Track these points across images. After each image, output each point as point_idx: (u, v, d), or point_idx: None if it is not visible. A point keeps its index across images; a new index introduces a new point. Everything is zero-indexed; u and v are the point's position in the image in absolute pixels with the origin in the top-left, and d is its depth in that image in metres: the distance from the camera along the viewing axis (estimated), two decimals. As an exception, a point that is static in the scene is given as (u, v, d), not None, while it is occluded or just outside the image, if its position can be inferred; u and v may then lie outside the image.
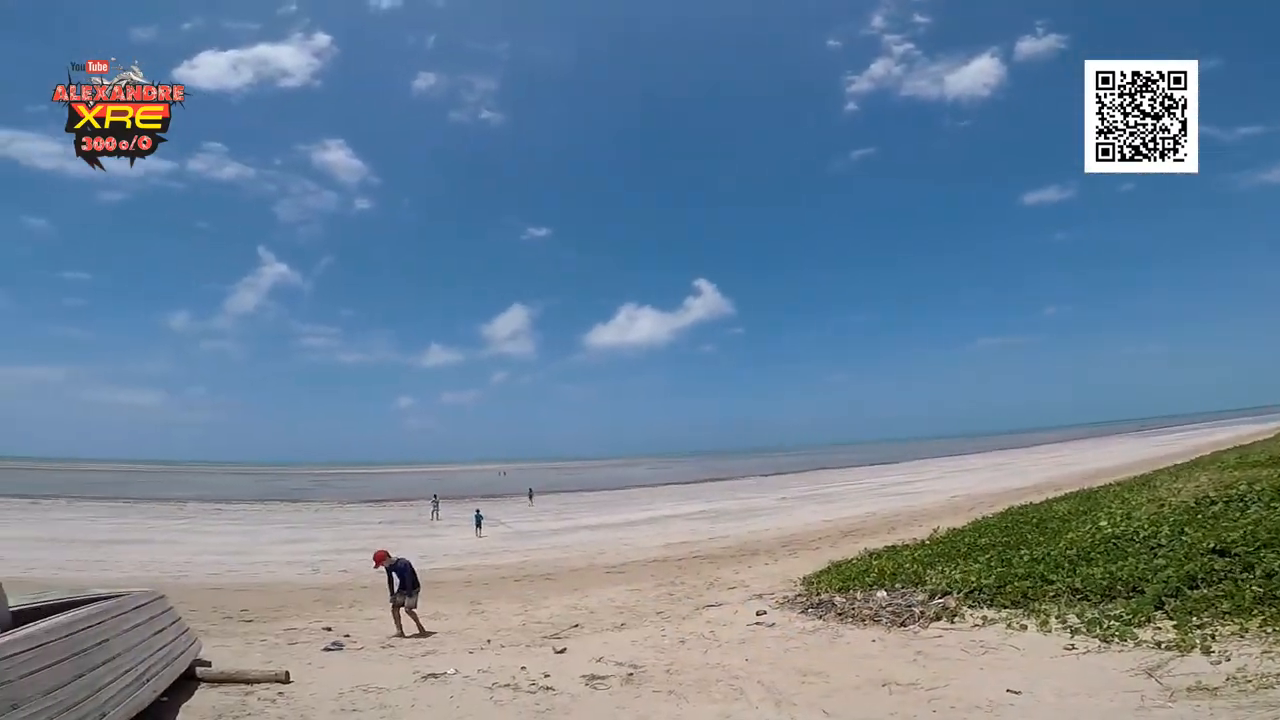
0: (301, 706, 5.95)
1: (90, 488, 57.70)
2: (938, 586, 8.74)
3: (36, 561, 17.16)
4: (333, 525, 32.01)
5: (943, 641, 7.00)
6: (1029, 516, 13.68)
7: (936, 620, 7.70)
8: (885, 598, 8.83)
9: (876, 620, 8.05)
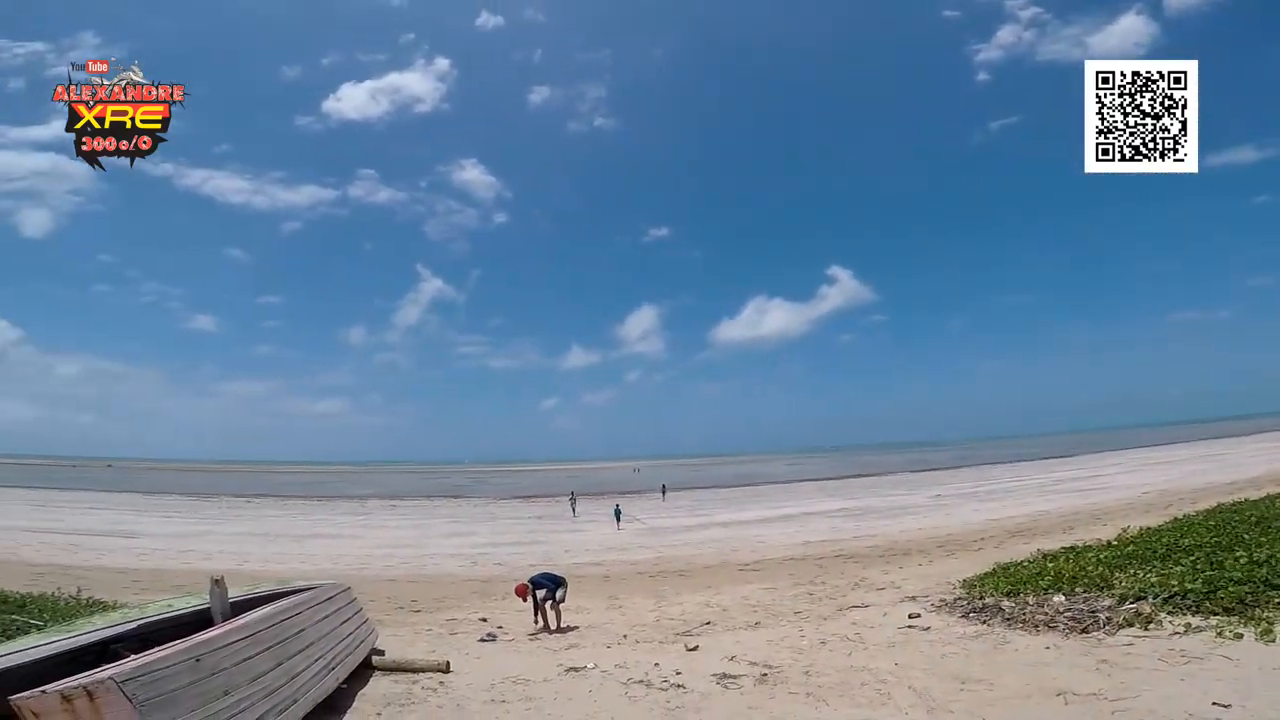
0: (458, 696, 6.32)
1: (291, 488, 66.71)
2: (1129, 591, 7.60)
3: (249, 555, 19.97)
4: (489, 520, 34.35)
5: (1134, 650, 6.11)
6: (1245, 514, 11.60)
7: (1127, 627, 6.72)
8: (1063, 602, 7.84)
9: (1051, 626, 7.17)
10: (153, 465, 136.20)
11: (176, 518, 32.83)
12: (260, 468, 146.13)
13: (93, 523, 27.99)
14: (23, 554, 17.28)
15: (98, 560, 17.11)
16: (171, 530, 26.58)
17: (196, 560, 18.12)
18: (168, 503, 43.36)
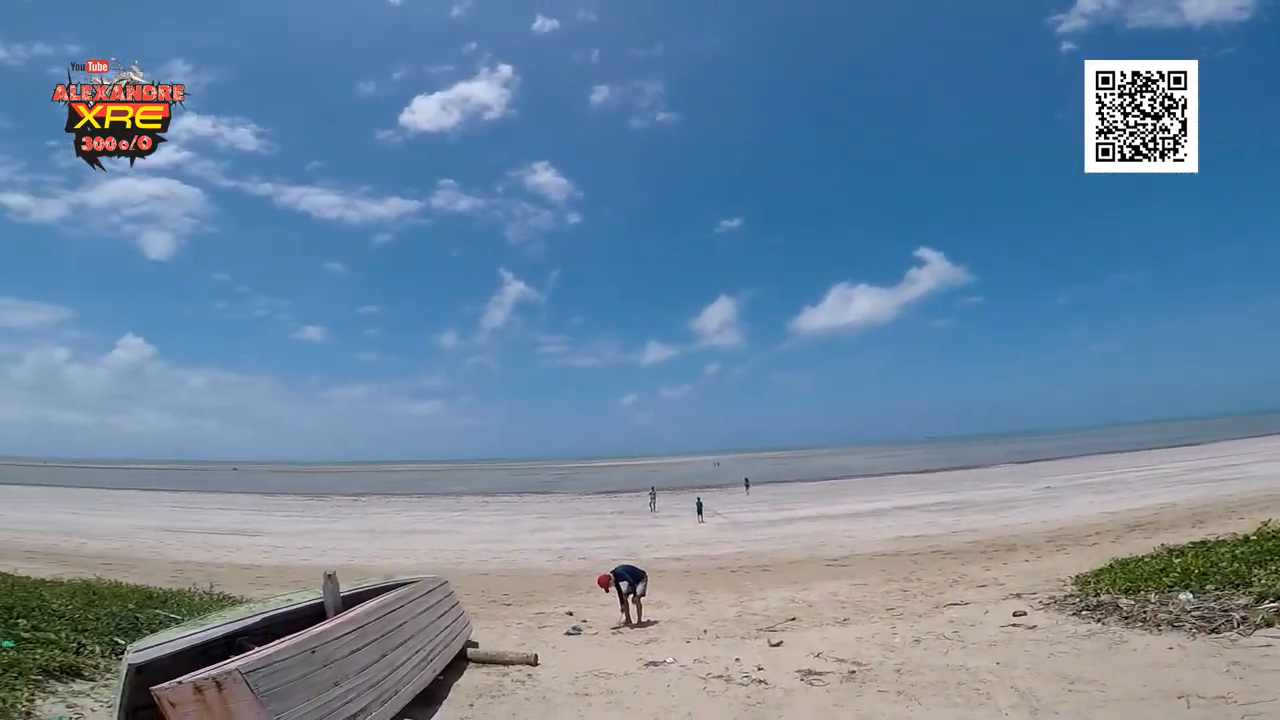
0: (544, 688, 6.53)
1: (393, 486, 70.90)
2: (1269, 589, 6.81)
3: (358, 551, 21.37)
4: (574, 515, 35.15)
5: (1272, 652, 5.54)
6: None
7: (1265, 628, 6.07)
8: (1190, 600, 7.17)
9: (1176, 626, 6.58)
10: (272, 468, 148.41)
11: (294, 516, 35.63)
12: (365, 468, 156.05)
13: (222, 522, 30.84)
14: (166, 552, 19.26)
15: (227, 557, 18.82)
16: (290, 528, 28.86)
17: (312, 556, 19.58)
18: (286, 502, 47.14)
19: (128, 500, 44.43)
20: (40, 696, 4.53)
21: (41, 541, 19.85)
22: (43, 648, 5.17)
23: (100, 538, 21.94)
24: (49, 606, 6.29)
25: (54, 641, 5.40)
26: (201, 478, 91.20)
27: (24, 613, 5.90)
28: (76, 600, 6.82)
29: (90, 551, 18.20)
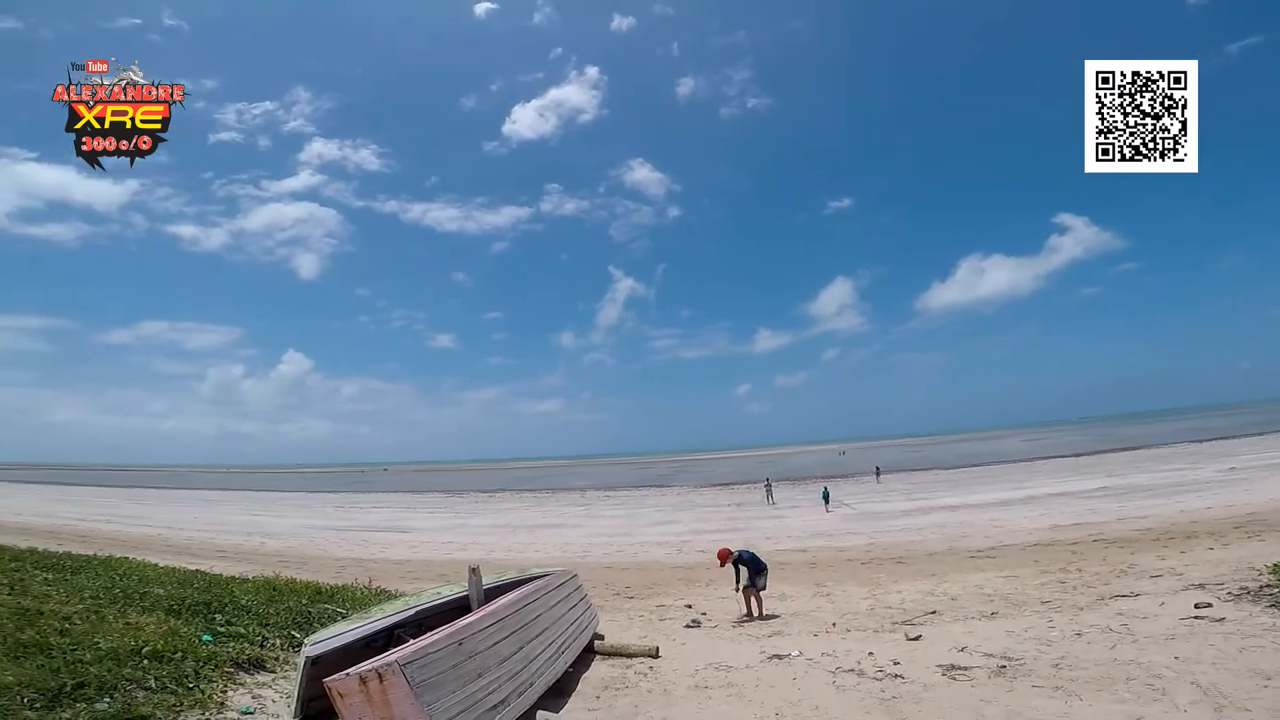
0: (665, 681, 6.59)
1: (523, 483, 74.66)
2: None
3: (494, 545, 22.73)
4: (691, 508, 35.26)
5: None
6: None
7: None
8: None
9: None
10: (417, 468, 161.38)
11: (437, 513, 38.56)
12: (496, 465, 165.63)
13: (377, 520, 33.96)
14: (330, 549, 21.51)
15: (382, 553, 20.70)
16: (434, 524, 31.26)
17: (454, 551, 21.09)
18: (429, 500, 51.09)
19: (297, 502, 50.12)
20: (232, 688, 5.00)
21: (230, 541, 22.82)
22: (234, 641, 5.76)
23: (277, 537, 24.89)
24: (238, 602, 7.08)
25: (243, 635, 5.98)
26: (357, 479, 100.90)
27: (219, 608, 6.67)
28: (260, 596, 7.65)
29: (269, 550, 20.69)
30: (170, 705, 4.36)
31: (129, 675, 4.50)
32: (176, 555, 16.28)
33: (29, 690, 4.05)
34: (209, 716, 4.40)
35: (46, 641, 4.84)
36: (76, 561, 9.74)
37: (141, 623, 5.72)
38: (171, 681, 4.63)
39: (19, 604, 5.89)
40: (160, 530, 25.63)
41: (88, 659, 4.61)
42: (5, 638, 4.79)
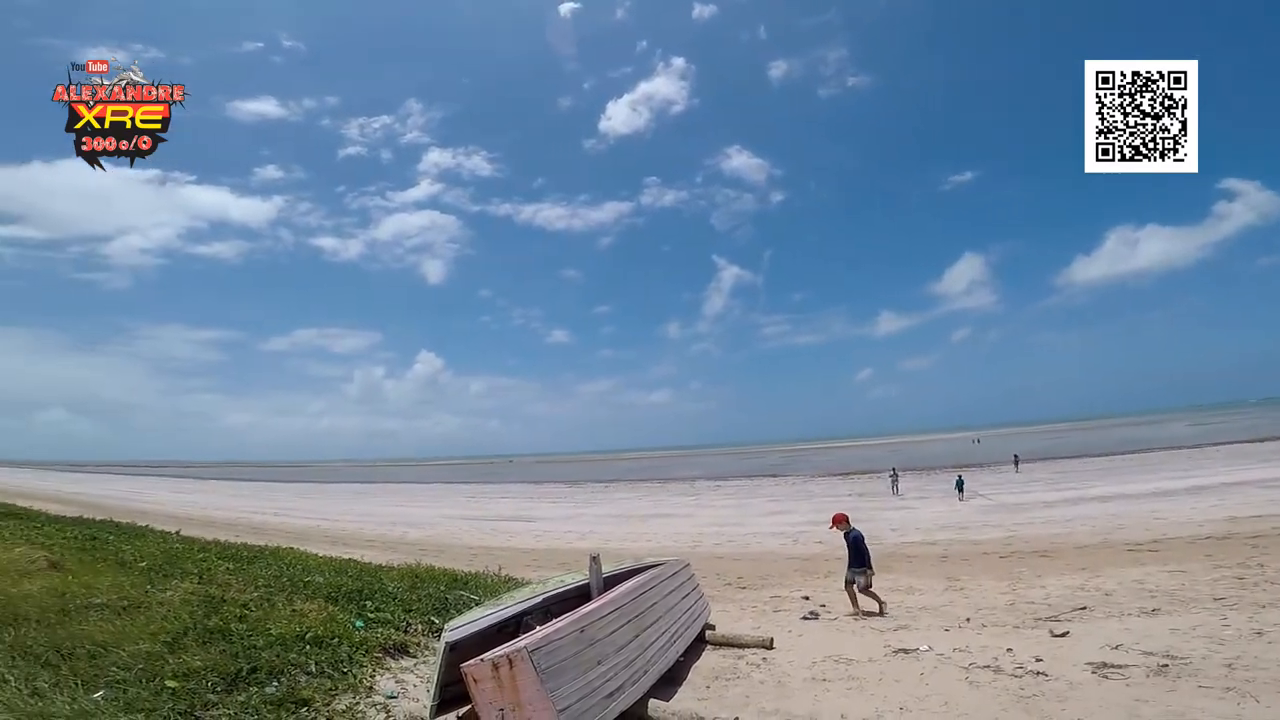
0: (779, 672, 6.50)
1: (635, 473, 76.17)
2: None
3: (610, 534, 23.41)
4: (807, 498, 34.38)
5: None
6: None
7: None
8: None
9: None
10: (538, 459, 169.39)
11: (558, 503, 40.27)
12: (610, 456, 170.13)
13: (504, 509, 36.02)
14: (463, 538, 23.09)
15: (509, 542, 21.95)
16: (556, 514, 32.69)
17: (574, 540, 21.97)
18: (550, 490, 53.45)
19: (433, 493, 54.19)
20: (379, 672, 5.40)
21: (376, 531, 25.11)
22: (382, 627, 6.21)
23: (417, 526, 27.08)
24: (386, 589, 7.72)
25: (389, 621, 6.43)
26: (485, 471, 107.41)
27: (369, 595, 7.27)
28: (404, 583, 8.31)
29: (411, 539, 22.54)
30: (327, 689, 4.79)
31: (293, 660, 5.02)
32: (332, 545, 18.18)
33: (212, 674, 4.58)
34: (359, 700, 4.82)
35: (227, 628, 5.53)
36: (251, 552, 11.11)
37: (305, 609, 6.42)
38: (329, 666, 5.11)
39: (206, 592, 6.80)
40: (318, 521, 28.70)
41: (260, 644, 5.20)
42: (195, 624, 5.53)
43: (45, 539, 10.99)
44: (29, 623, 5.21)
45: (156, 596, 6.46)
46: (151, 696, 4.12)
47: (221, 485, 67.94)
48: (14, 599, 5.87)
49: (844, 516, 10.12)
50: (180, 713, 4.01)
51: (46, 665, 4.39)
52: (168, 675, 4.45)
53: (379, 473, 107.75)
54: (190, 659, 4.74)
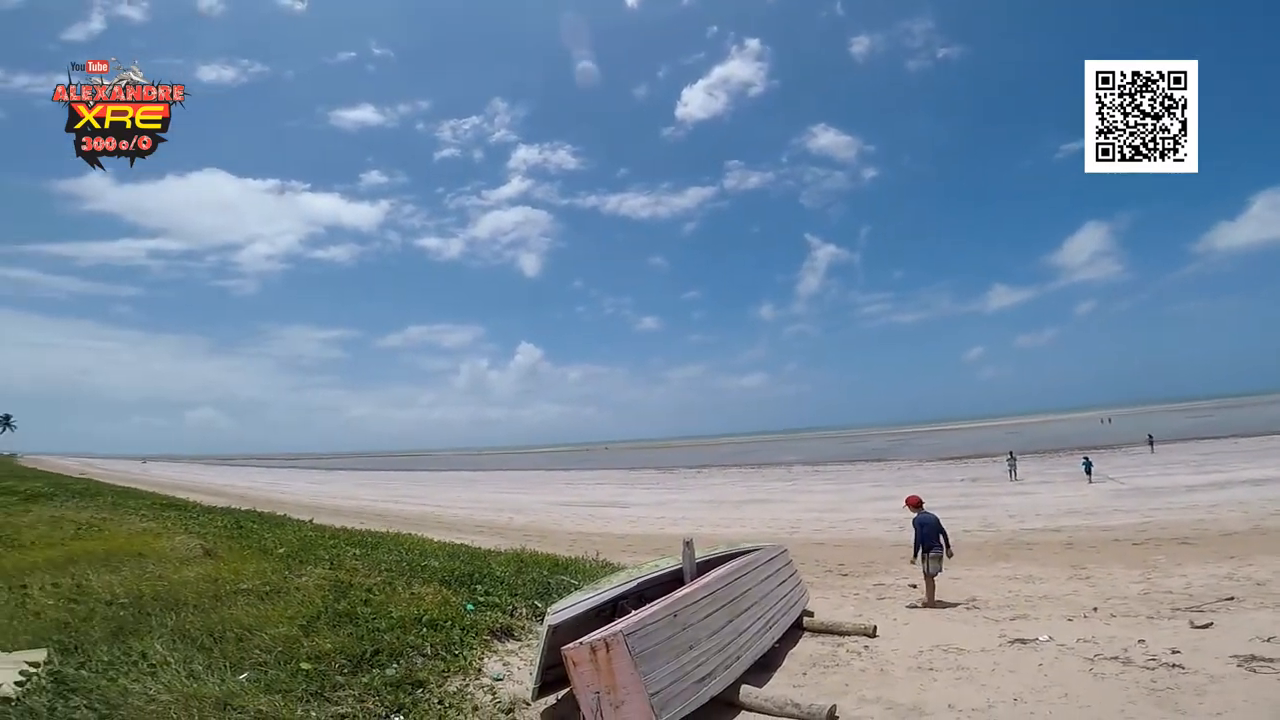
0: (882, 660, 6.32)
1: (728, 458, 75.69)
2: None
3: (702, 520, 23.43)
4: (914, 483, 32.80)
5: None
6: None
7: None
8: None
9: None
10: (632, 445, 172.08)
11: (651, 489, 40.79)
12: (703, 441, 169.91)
13: (600, 495, 36.93)
14: (562, 524, 23.91)
15: (605, 527, 22.50)
16: (649, 499, 33.15)
17: (667, 525, 22.20)
18: (644, 476, 54.19)
19: (535, 480, 56.42)
20: (487, 655, 5.72)
21: (485, 517, 26.47)
22: (490, 610, 6.60)
23: (521, 512, 28.32)
24: (494, 574, 8.18)
25: (497, 604, 6.81)
26: (583, 457, 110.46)
27: (479, 579, 7.76)
28: (510, 568, 8.76)
29: (516, 525, 23.61)
30: (440, 671, 5.12)
31: (411, 643, 5.41)
32: (446, 530, 19.39)
33: (341, 656, 4.98)
34: (468, 683, 5.12)
35: (354, 611, 6.04)
36: (375, 538, 12.06)
37: (422, 593, 6.93)
38: (442, 649, 5.47)
39: (336, 577, 7.46)
40: (432, 508, 30.65)
41: (382, 627, 5.63)
42: (327, 607, 6.08)
43: (200, 528, 12.47)
44: (187, 607, 5.94)
45: (294, 581, 7.18)
46: (288, 678, 4.54)
47: (346, 475, 74.08)
48: (175, 585, 6.72)
49: (916, 499, 9.60)
50: (312, 693, 4.40)
51: (201, 648, 4.96)
52: (302, 657, 4.90)
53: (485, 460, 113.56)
54: (322, 641, 5.22)
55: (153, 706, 3.76)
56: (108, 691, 3.86)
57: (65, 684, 3.91)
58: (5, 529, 12.46)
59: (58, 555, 8.51)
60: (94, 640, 5.02)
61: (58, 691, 3.81)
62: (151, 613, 5.74)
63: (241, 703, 3.99)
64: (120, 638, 5.09)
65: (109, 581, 6.88)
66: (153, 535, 11.01)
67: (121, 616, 5.66)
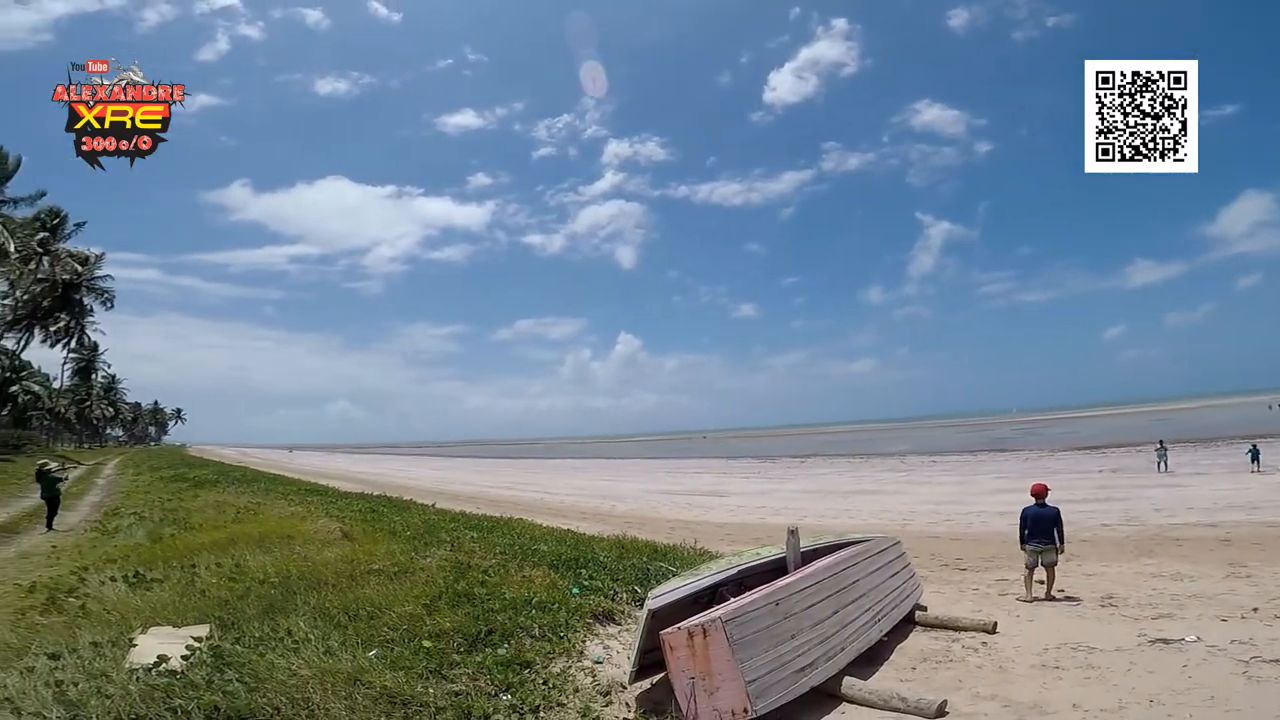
0: (1001, 657, 5.99)
1: (834, 447, 73.30)
2: None
3: (806, 511, 22.88)
4: (1045, 474, 30.12)
5: None
6: None
7: None
8: None
9: None
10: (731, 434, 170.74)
11: (751, 478, 40.33)
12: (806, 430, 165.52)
13: (698, 484, 37.00)
14: (661, 511, 24.21)
15: (704, 516, 22.54)
16: (749, 489, 32.81)
17: (767, 515, 21.90)
18: (744, 465, 53.66)
19: (636, 468, 57.42)
20: (589, 638, 5.90)
21: (589, 504, 27.29)
22: (594, 594, 6.81)
23: (622, 500, 28.96)
24: (598, 559, 8.45)
25: (600, 589, 7.01)
26: (682, 446, 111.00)
27: (584, 564, 8.05)
28: (613, 554, 9.01)
29: (618, 512, 24.19)
30: (546, 652, 5.36)
31: (522, 624, 5.70)
32: (553, 516, 20.21)
33: (458, 635, 5.34)
34: (571, 665, 5.32)
35: (471, 591, 6.46)
36: (490, 522, 12.80)
37: (532, 575, 7.31)
38: (549, 630, 5.72)
39: (456, 559, 8.01)
40: (540, 495, 32.03)
41: (496, 608, 5.98)
42: (447, 587, 6.54)
43: (339, 512, 13.76)
44: (327, 586, 6.59)
45: (419, 562, 7.79)
46: (411, 655, 4.90)
47: (464, 462, 78.87)
48: (317, 565, 7.47)
49: (1041, 486, 9.02)
50: (431, 671, 4.72)
51: (337, 626, 5.48)
52: (424, 635, 5.29)
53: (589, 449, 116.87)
54: (442, 620, 5.63)
55: (294, 681, 4.14)
56: (257, 666, 4.30)
57: (222, 658, 4.39)
58: (179, 513, 14.40)
59: (221, 537, 9.70)
60: (248, 617, 5.64)
61: (215, 665, 4.27)
62: (297, 591, 6.40)
63: (369, 679, 4.33)
64: (270, 615, 5.68)
65: (262, 562, 7.76)
66: (299, 519, 12.29)
67: (272, 595, 6.35)
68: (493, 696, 4.57)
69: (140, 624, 5.43)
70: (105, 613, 5.96)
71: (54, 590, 6.89)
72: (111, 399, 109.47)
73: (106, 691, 3.79)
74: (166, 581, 7.11)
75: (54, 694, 3.77)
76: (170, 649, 4.48)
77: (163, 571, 7.58)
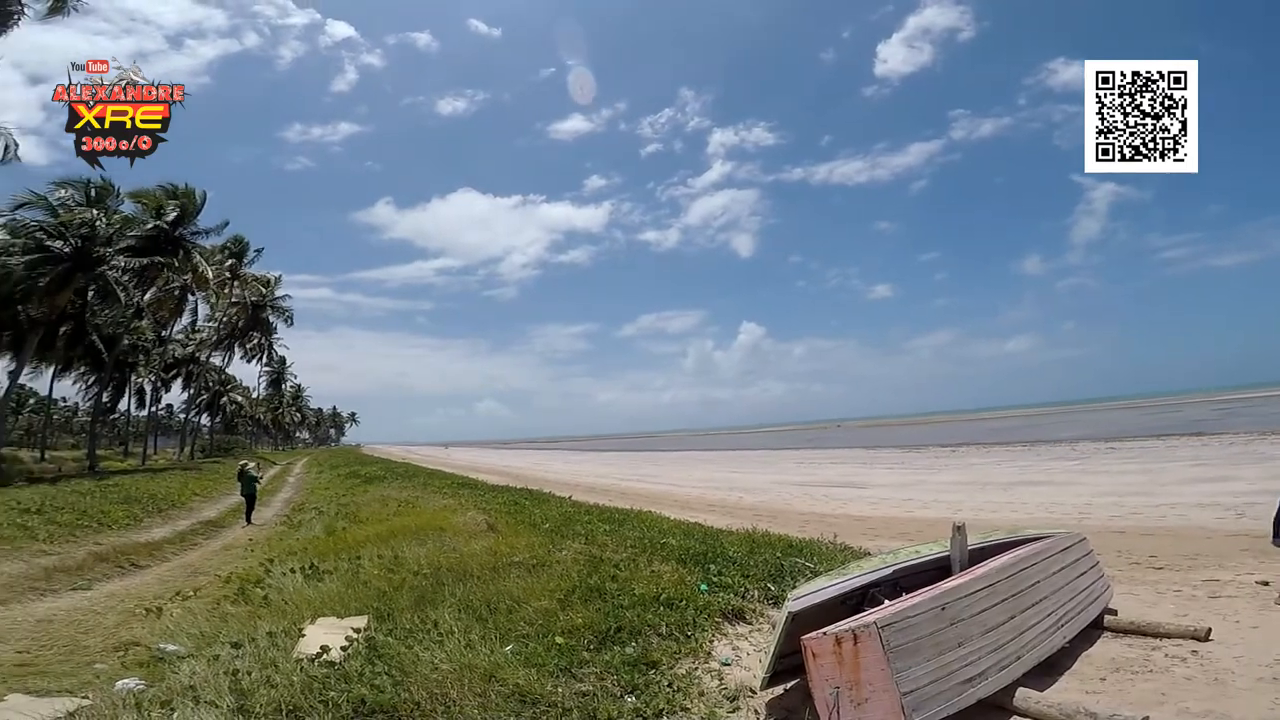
0: (1217, 669, 5.08)
1: (989, 434, 66.99)
2: None
3: (961, 504, 20.98)
4: (1256, 461, 25.63)
5: None
6: None
7: None
8: None
9: None
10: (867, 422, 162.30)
11: (894, 469, 37.84)
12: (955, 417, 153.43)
13: (833, 475, 35.34)
14: (793, 504, 23.32)
15: (841, 509, 21.42)
16: (892, 480, 30.79)
17: (915, 509, 20.36)
18: (884, 455, 50.52)
19: (763, 459, 56.10)
20: (717, 638, 5.65)
21: (716, 496, 26.98)
22: (723, 592, 6.55)
23: (750, 492, 28.33)
24: (726, 553, 8.16)
25: (729, 586, 6.73)
26: (813, 435, 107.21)
27: (713, 559, 7.79)
28: (743, 548, 8.67)
29: (746, 504, 23.67)
30: (672, 652, 5.20)
31: (649, 621, 5.59)
32: (681, 509, 20.17)
33: (589, 632, 5.32)
34: (698, 666, 5.12)
35: (603, 586, 6.45)
36: (621, 515, 12.94)
37: (661, 570, 7.20)
38: (676, 629, 5.57)
39: (589, 552, 8.11)
40: (667, 487, 32.19)
41: (625, 604, 5.92)
42: (581, 581, 6.59)
43: (486, 505, 14.59)
44: (472, 578, 6.88)
45: (555, 555, 7.98)
46: (543, 651, 4.93)
47: (595, 455, 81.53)
48: (465, 556, 7.86)
49: None
50: (561, 669, 4.72)
51: (479, 619, 5.66)
52: (558, 631, 5.34)
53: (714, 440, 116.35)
54: (574, 616, 5.65)
55: (435, 675, 4.29)
56: (404, 658, 4.52)
57: (375, 650, 4.68)
58: (350, 507, 15.99)
59: (383, 530, 10.59)
60: (401, 608, 6.00)
61: (368, 657, 4.55)
62: (445, 583, 6.75)
63: (504, 675, 4.41)
64: (420, 607, 6.01)
65: (417, 554, 8.31)
66: (450, 511, 13.17)
67: (424, 586, 6.74)
68: (618, 698, 4.50)
69: (310, 614, 5.95)
70: (283, 603, 6.62)
71: (244, 581, 7.79)
72: (299, 405, 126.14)
73: (274, 681, 4.11)
74: (335, 573, 7.80)
75: (230, 683, 4.15)
76: (332, 639, 4.84)
77: (333, 563, 8.34)
